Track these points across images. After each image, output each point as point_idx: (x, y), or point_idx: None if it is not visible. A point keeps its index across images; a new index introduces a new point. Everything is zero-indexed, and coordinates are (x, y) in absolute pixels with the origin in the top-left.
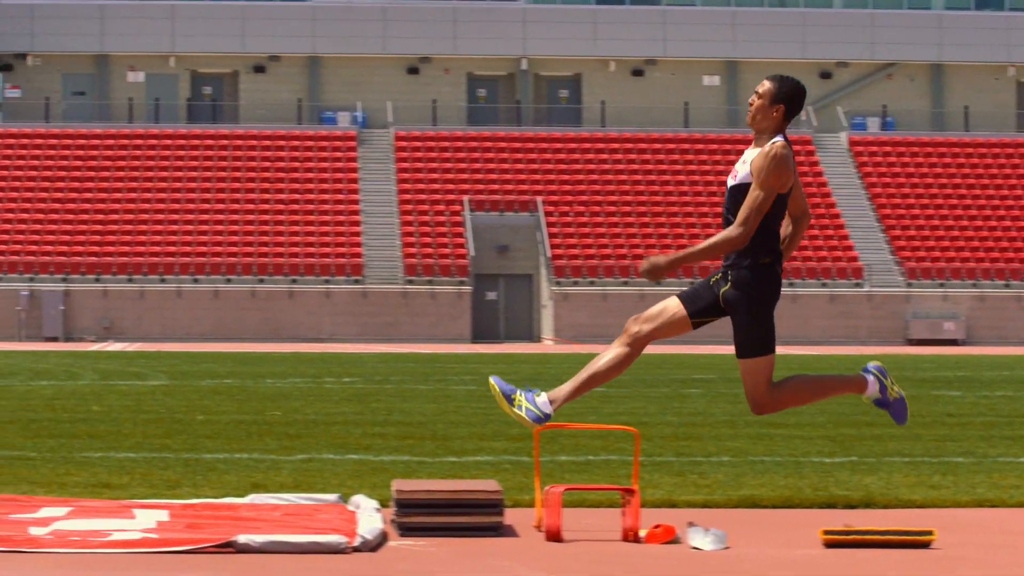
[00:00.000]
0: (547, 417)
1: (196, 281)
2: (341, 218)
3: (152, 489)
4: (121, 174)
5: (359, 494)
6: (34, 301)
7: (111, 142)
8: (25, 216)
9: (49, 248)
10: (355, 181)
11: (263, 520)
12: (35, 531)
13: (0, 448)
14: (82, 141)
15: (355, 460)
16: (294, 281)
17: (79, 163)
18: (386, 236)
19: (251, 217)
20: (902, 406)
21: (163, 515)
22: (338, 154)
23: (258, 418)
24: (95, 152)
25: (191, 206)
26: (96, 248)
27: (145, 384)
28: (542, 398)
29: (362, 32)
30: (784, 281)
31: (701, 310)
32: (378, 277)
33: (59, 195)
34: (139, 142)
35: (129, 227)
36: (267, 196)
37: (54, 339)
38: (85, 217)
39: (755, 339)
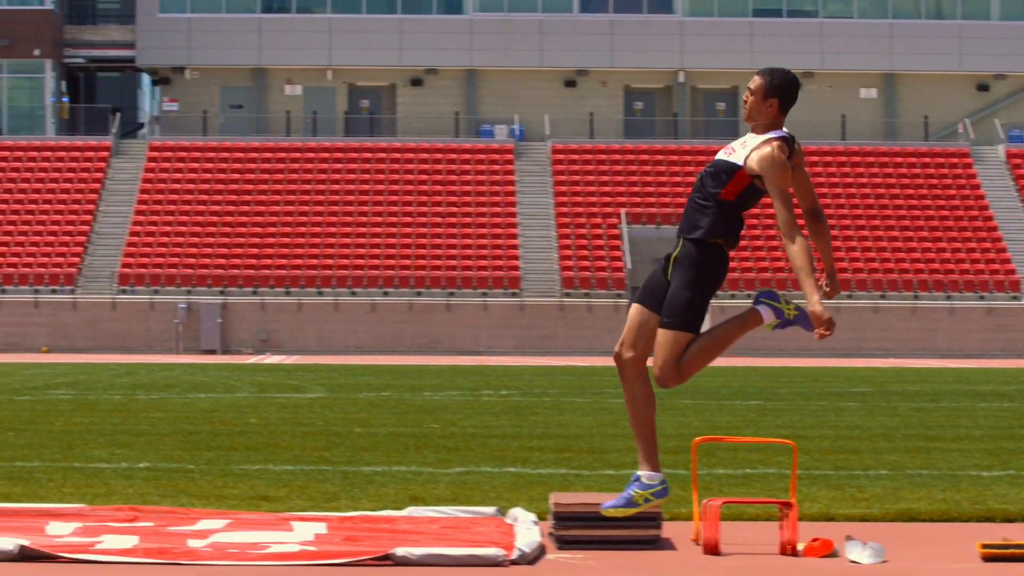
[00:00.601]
0: (664, 486)
1: (354, 294)
2: (498, 231)
3: (310, 502)
4: (278, 187)
5: (517, 507)
6: (192, 314)
7: (268, 155)
8: (183, 229)
9: (207, 261)
10: (512, 194)
11: (421, 533)
12: (194, 543)
13: (159, 460)
14: (239, 154)
15: (512, 473)
16: (451, 294)
17: (237, 176)
18: (543, 249)
19: (408, 230)
20: (804, 317)
21: (321, 527)
22: (495, 167)
23: (416, 431)
24: (252, 165)
25: (348, 219)
26: (253, 261)
27: (303, 397)
28: (648, 479)
29: (519, 45)
30: (940, 294)
31: (662, 300)
32: (535, 290)
33: (217, 208)
34: (296, 155)
35: (287, 240)
36: (424, 209)
37: (212, 352)
38: (243, 230)
39: (681, 313)
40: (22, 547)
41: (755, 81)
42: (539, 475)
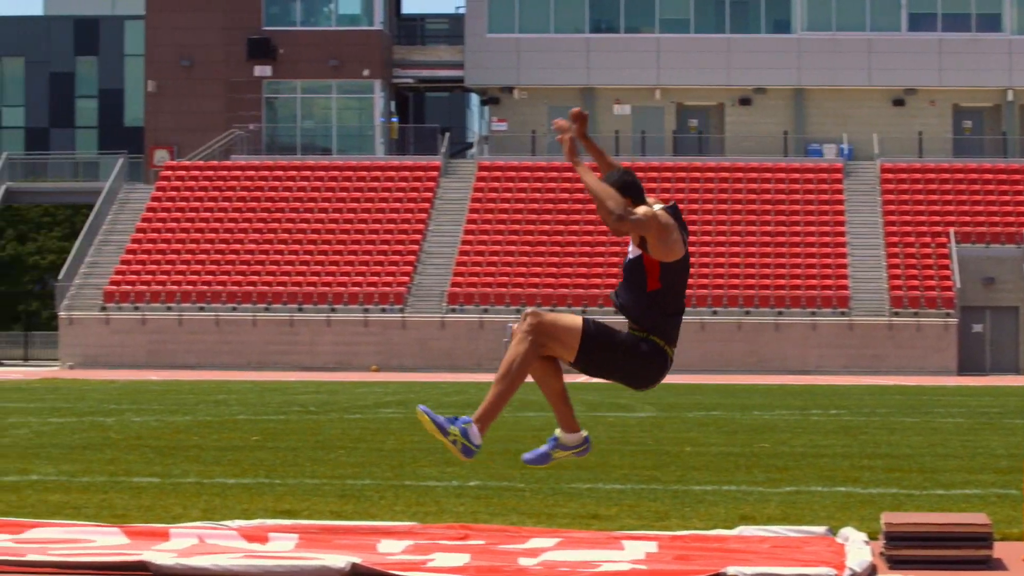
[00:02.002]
0: (585, 446)
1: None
2: (827, 250)
3: (641, 520)
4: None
5: (847, 526)
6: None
7: (597, 175)
8: (512, 248)
9: (536, 280)
10: (841, 213)
11: (752, 552)
12: (524, 562)
13: (489, 479)
14: (568, 174)
15: (843, 492)
16: (780, 313)
17: (565, 196)
18: (872, 268)
19: (736, 249)
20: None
21: (652, 546)
22: (824, 186)
23: (746, 450)
24: (580, 184)
25: None
26: (582, 280)
27: (633, 416)
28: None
29: (847, 64)
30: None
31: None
32: (864, 309)
33: (545, 227)
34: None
35: (615, 259)
36: (753, 228)
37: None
38: (572, 249)
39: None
40: (354, 565)
41: None
42: (869, 495)
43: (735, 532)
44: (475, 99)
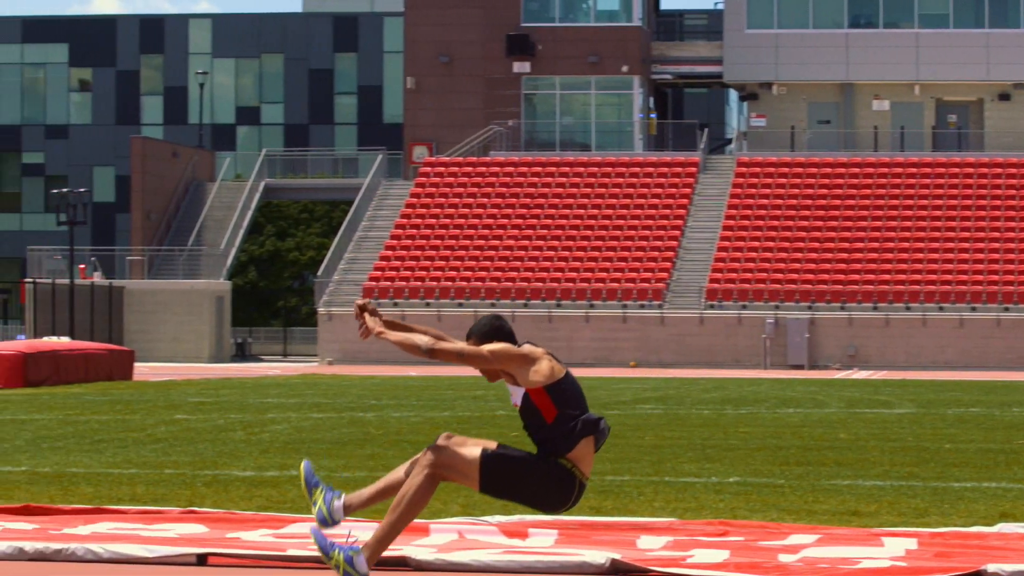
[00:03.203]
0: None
1: (941, 309)
2: None
3: (900, 517)
4: (865, 202)
5: None
6: (779, 329)
7: (855, 170)
8: (770, 245)
9: (794, 276)
10: None
11: (1011, 549)
12: (784, 558)
13: (750, 475)
14: (827, 170)
15: None
16: None
17: (824, 191)
18: None
19: (995, 245)
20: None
21: (911, 543)
22: None
23: (1005, 447)
24: (840, 181)
25: (936, 234)
26: (841, 276)
27: (891, 412)
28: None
29: None
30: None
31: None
32: None
33: (804, 223)
34: (884, 171)
35: (874, 255)
36: (1012, 224)
37: (799, 367)
38: (830, 245)
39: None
40: (613, 561)
41: (471, 343)
42: None
43: (995, 529)
44: (734, 95)
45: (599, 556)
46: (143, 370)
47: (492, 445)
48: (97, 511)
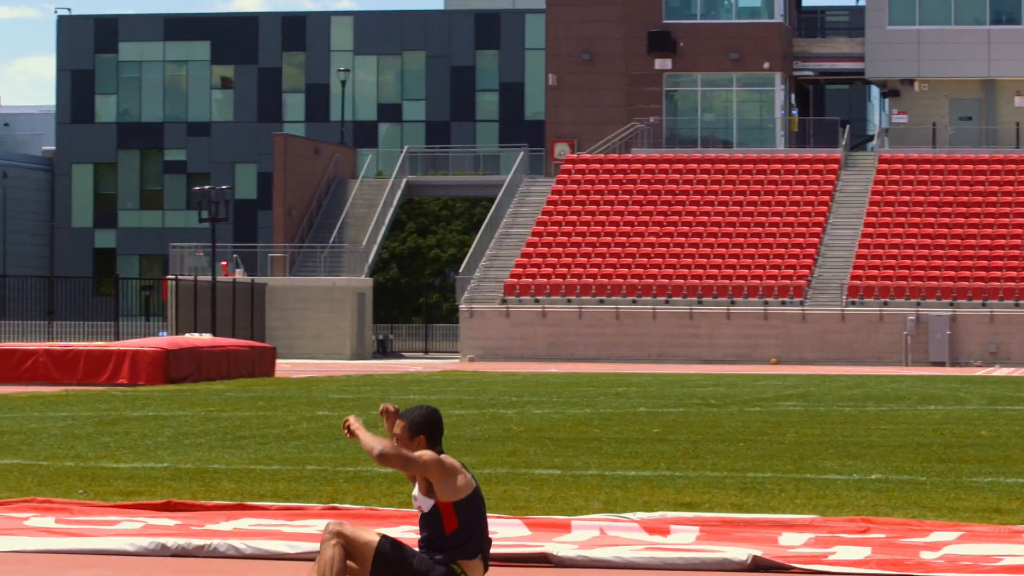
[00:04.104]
0: None
1: None
2: None
3: None
4: (1007, 199)
5: None
6: (920, 326)
7: (997, 167)
8: (912, 241)
9: (936, 273)
10: None
11: None
12: (926, 555)
13: (890, 472)
14: (968, 166)
15: None
16: None
17: (965, 188)
18: None
19: None
20: None
21: None
22: None
23: None
24: (981, 177)
25: None
26: (983, 273)
27: None
28: None
29: None
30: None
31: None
32: None
33: (946, 220)
34: None
35: (1016, 252)
36: None
37: (940, 364)
38: (972, 242)
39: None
40: (755, 557)
41: (399, 426)
42: None
43: None
44: (875, 91)
45: (740, 553)
46: (284, 367)
47: (387, 536)
48: (239, 507)
